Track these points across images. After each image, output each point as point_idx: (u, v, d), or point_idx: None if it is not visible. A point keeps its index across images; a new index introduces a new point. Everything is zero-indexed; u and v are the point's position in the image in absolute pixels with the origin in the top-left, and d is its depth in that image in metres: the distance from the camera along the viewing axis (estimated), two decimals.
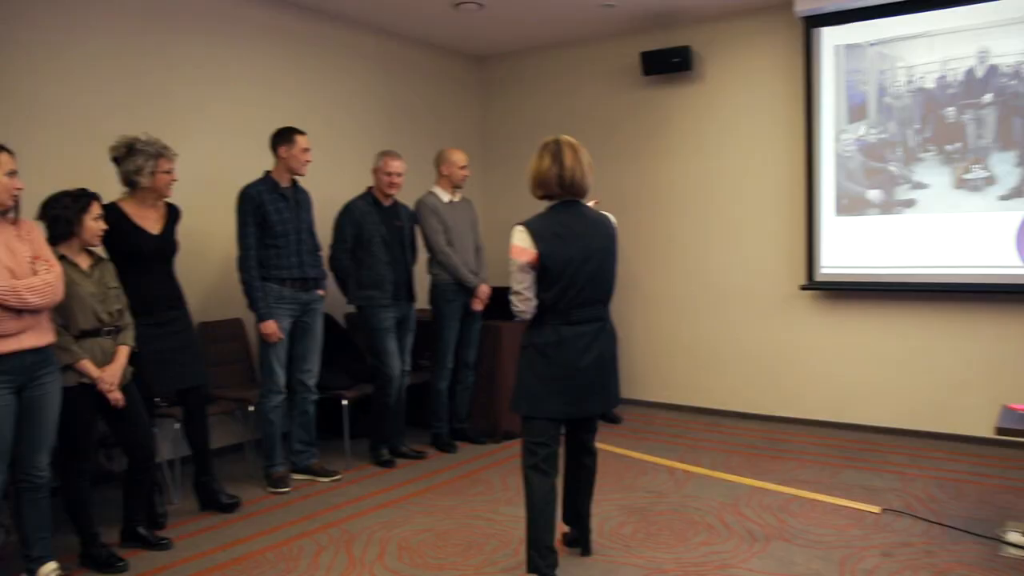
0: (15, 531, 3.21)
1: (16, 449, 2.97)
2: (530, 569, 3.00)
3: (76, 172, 3.88)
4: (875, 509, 3.89)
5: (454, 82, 6.78)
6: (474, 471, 4.67)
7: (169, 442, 4.29)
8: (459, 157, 5.06)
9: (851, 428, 5.38)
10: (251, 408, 4.49)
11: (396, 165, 4.73)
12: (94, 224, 3.35)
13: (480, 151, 6.98)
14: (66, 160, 4.12)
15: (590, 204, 3.20)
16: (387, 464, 4.78)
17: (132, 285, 3.63)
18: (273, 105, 5.19)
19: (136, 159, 3.71)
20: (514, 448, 4.85)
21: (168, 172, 3.80)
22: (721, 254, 5.90)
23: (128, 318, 3.49)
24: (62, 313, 3.21)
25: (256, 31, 5.18)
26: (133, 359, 3.52)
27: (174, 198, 3.93)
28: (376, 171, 4.76)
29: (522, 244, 2.94)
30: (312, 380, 4.47)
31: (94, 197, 3.38)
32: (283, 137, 4.35)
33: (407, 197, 5.03)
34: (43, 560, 3.08)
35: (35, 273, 2.95)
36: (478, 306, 5.06)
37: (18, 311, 2.86)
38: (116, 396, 3.32)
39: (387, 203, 4.79)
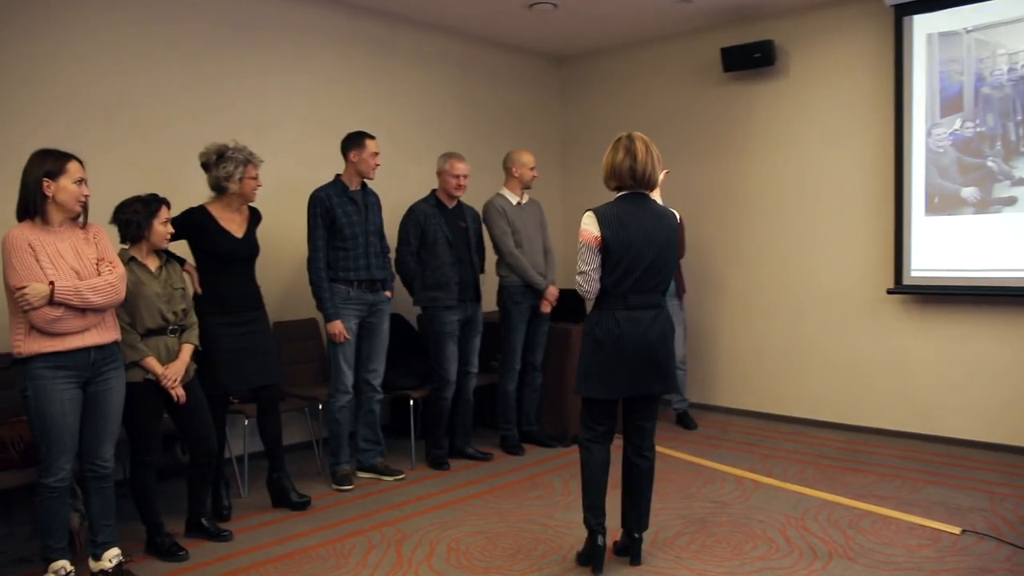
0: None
1: (82, 441, 3.13)
2: (586, 524, 3.23)
3: (152, 176, 4.08)
4: (955, 530, 3.63)
5: (533, 84, 6.76)
6: (536, 475, 4.63)
7: (239, 438, 4.45)
8: (529, 158, 5.05)
9: (939, 441, 5.05)
10: (321, 406, 4.60)
11: (461, 167, 4.75)
12: (162, 228, 3.50)
13: (559, 153, 6.95)
14: (141, 165, 4.33)
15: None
16: (440, 466, 4.79)
17: (215, 285, 3.81)
18: (350, 108, 5.31)
19: (226, 165, 3.85)
20: None
21: (255, 178, 3.93)
22: (805, 255, 5.65)
23: (193, 318, 3.63)
24: (129, 312, 3.37)
25: (331, 36, 5.30)
26: (207, 357, 3.68)
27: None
28: (441, 173, 4.79)
29: (589, 228, 3.13)
30: (377, 380, 4.54)
31: (163, 202, 3.52)
32: (353, 141, 4.43)
33: (485, 199, 5.04)
34: (107, 546, 3.24)
35: (99, 274, 3.11)
36: (546, 308, 5.03)
37: (82, 310, 3.02)
38: (179, 392, 3.47)
39: (451, 205, 4.82)
